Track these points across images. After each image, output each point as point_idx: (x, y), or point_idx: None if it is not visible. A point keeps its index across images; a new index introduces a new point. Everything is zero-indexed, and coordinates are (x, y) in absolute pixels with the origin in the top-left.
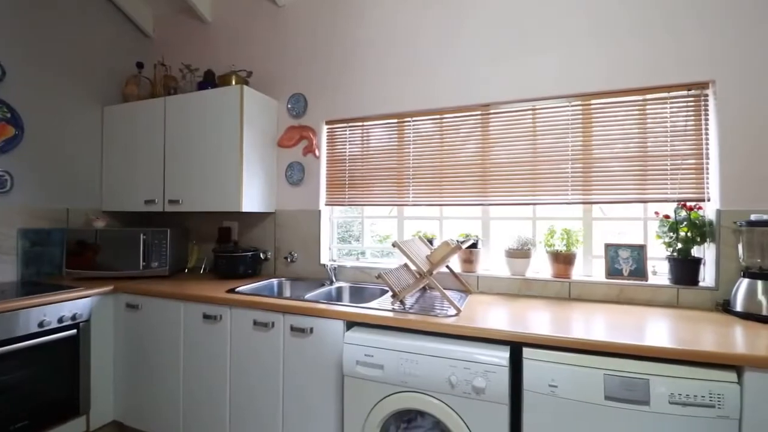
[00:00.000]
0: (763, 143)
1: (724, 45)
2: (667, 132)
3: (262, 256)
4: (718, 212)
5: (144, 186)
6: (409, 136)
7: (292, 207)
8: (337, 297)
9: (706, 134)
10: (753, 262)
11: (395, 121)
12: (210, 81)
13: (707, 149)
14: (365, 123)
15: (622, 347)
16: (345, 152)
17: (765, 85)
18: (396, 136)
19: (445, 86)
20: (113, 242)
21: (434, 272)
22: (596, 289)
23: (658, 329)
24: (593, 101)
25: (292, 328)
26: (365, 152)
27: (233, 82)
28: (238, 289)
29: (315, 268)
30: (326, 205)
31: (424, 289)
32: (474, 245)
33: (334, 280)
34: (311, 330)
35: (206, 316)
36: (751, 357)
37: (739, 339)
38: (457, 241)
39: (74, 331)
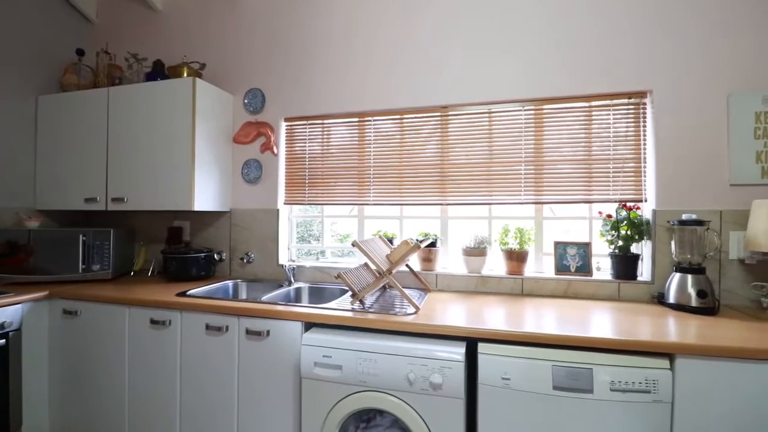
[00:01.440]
0: (693, 149)
1: (661, 58)
2: (610, 137)
3: (216, 257)
4: (654, 212)
5: (84, 183)
6: (370, 136)
7: (248, 206)
8: (296, 298)
9: (644, 140)
10: (684, 258)
11: (356, 120)
12: (159, 72)
13: (645, 154)
14: (326, 121)
15: (569, 339)
16: (305, 150)
17: (695, 96)
18: (357, 135)
19: (405, 87)
20: (49, 243)
21: (394, 271)
22: (546, 285)
23: (601, 321)
24: (545, 106)
25: (248, 332)
26: (326, 151)
27: (185, 74)
28: (189, 292)
29: (273, 268)
30: (285, 204)
31: (384, 288)
32: (433, 244)
33: (292, 280)
34: (268, 333)
35: (154, 322)
36: (681, 345)
37: (671, 329)
38: (417, 240)
39: (2, 341)
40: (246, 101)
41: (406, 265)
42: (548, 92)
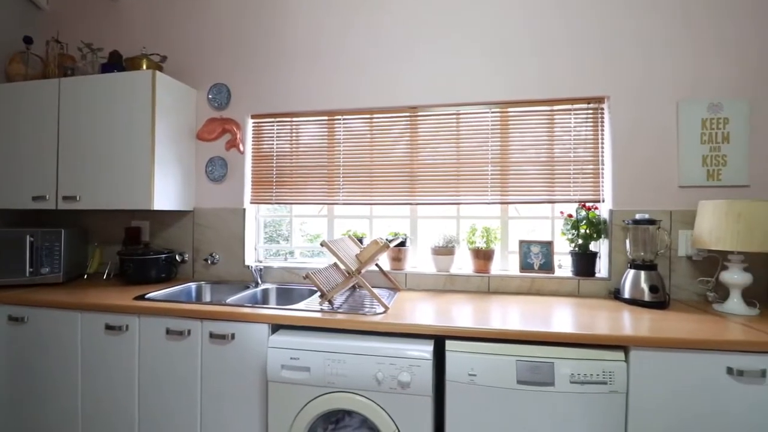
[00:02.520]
0: (646, 153)
1: (619, 65)
2: (571, 140)
3: (178, 258)
4: (611, 212)
5: (32, 180)
6: (340, 135)
7: (213, 205)
8: (263, 299)
9: (602, 143)
10: (637, 255)
11: (325, 118)
12: (116, 64)
13: (602, 156)
14: (294, 119)
15: (532, 335)
16: (272, 148)
17: (648, 103)
18: (326, 134)
19: (374, 86)
20: None
21: (363, 271)
22: (511, 282)
23: (562, 317)
24: (510, 109)
25: (212, 335)
26: (294, 149)
27: (144, 67)
28: (148, 296)
29: (239, 269)
30: (252, 203)
31: (353, 288)
32: (402, 243)
33: (259, 282)
34: (233, 336)
35: (109, 327)
36: (634, 338)
37: (626, 323)
38: (386, 239)
39: None
40: (210, 96)
41: (376, 265)
42: (513, 95)
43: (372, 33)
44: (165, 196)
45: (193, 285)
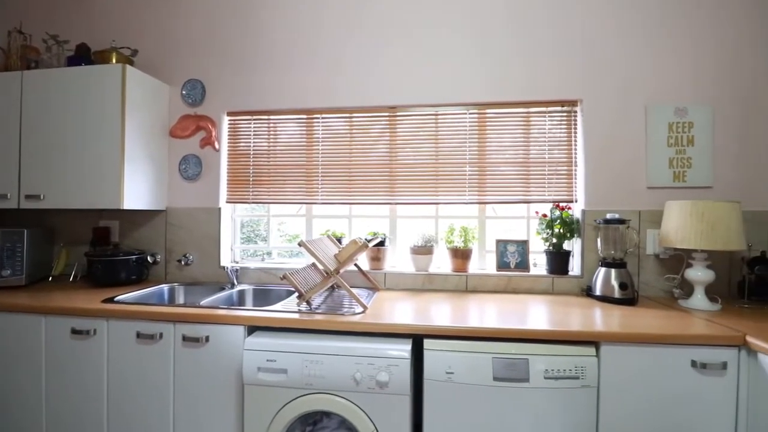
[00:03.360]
0: (616, 154)
1: (591, 69)
2: (546, 141)
3: (150, 259)
4: (583, 212)
5: None
6: (318, 134)
7: (187, 204)
8: (239, 301)
9: (575, 145)
10: (608, 254)
11: (304, 117)
12: (84, 57)
13: (576, 158)
14: (272, 117)
15: (507, 332)
16: (249, 146)
17: (618, 107)
18: (305, 132)
19: (352, 84)
20: None
21: (342, 271)
22: (489, 281)
23: (536, 314)
24: (488, 111)
25: (185, 338)
26: (272, 147)
27: (113, 60)
28: (117, 298)
29: (214, 270)
30: (228, 202)
31: (332, 288)
32: (382, 243)
33: (235, 283)
34: (207, 339)
35: (75, 332)
36: (605, 333)
37: (597, 319)
38: (365, 239)
39: None
40: (184, 93)
41: (355, 265)
42: (490, 97)
43: (350, 31)
44: (136, 195)
45: (165, 287)
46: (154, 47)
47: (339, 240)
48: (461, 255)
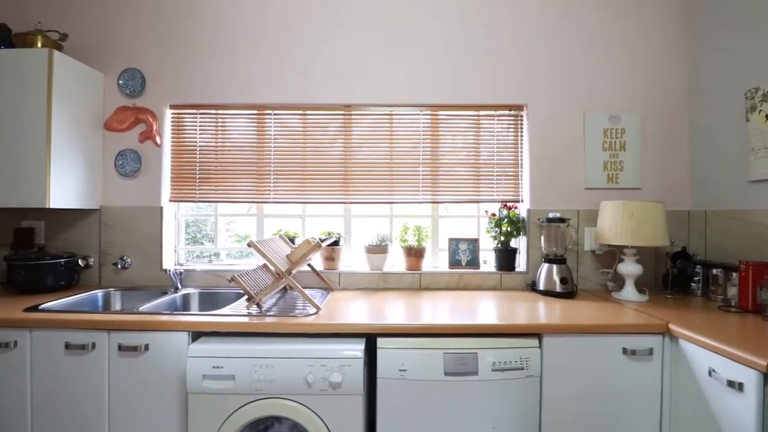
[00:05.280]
0: (558, 157)
1: (537, 76)
2: (495, 144)
3: (81, 263)
4: (528, 211)
5: None
6: (271, 131)
7: (124, 203)
8: (184, 306)
9: (521, 147)
10: (550, 250)
11: (254, 112)
12: (4, 40)
13: (522, 159)
14: (220, 111)
15: (457, 328)
16: (195, 142)
17: (559, 113)
18: (256, 129)
19: (307, 81)
20: None
21: (294, 271)
22: (441, 279)
23: (485, 309)
24: (440, 112)
25: (121, 347)
26: (220, 143)
27: (38, 44)
28: (43, 306)
29: (155, 274)
30: (171, 201)
31: (285, 289)
32: (336, 243)
33: (179, 286)
34: (146, 347)
35: None
36: (547, 325)
37: (540, 312)
38: (319, 239)
39: None
40: (121, 82)
41: (309, 265)
42: (442, 99)
43: (293, 25)
44: (64, 193)
45: (99, 293)
46: (87, 32)
47: (292, 240)
48: (415, 254)
